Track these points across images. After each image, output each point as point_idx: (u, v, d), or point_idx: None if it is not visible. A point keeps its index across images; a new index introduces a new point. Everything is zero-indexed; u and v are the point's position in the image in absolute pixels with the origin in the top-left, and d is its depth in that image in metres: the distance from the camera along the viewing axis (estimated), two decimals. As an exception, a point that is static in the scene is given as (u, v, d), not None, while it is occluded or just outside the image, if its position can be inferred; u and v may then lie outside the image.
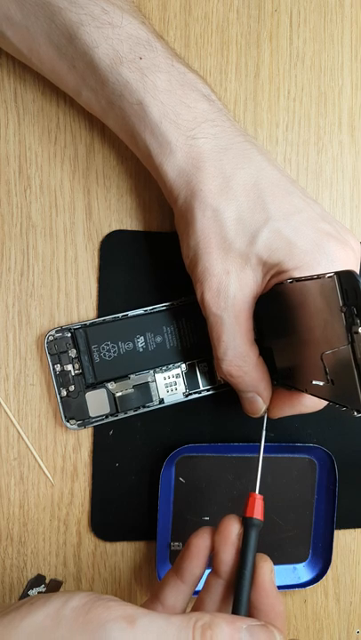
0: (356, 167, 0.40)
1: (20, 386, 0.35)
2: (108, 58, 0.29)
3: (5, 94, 0.35)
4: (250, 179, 0.30)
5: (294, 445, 0.38)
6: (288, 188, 0.31)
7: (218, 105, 0.32)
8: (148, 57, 0.30)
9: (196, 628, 0.22)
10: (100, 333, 0.34)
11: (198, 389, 0.36)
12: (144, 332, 0.35)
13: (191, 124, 0.30)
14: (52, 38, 0.30)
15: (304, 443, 0.38)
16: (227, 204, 0.30)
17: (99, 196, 0.36)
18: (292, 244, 0.29)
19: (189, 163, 0.30)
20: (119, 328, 0.34)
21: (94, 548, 0.36)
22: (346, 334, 0.23)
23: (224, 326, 0.31)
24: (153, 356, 0.35)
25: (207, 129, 0.30)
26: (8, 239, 0.35)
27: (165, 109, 0.30)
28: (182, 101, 0.30)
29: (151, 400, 0.35)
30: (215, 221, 0.30)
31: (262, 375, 0.32)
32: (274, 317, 0.31)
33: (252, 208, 0.30)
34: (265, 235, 0.30)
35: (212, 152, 0.30)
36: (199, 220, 0.30)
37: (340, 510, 0.38)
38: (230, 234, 0.30)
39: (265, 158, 0.31)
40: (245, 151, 0.31)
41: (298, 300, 0.28)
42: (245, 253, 0.30)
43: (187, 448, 0.36)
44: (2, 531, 0.35)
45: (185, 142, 0.30)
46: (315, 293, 0.25)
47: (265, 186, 0.30)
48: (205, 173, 0.30)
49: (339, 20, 0.39)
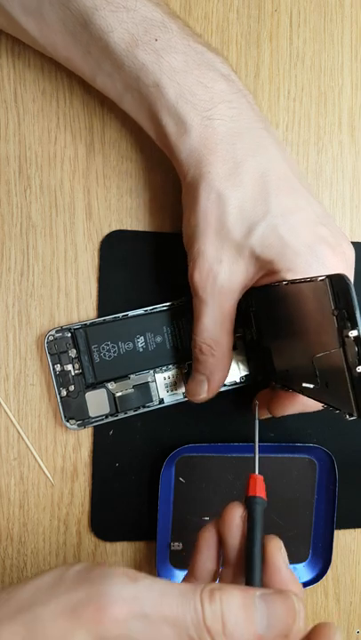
0: (356, 167, 0.40)
1: (20, 386, 0.35)
2: (124, 42, 0.29)
3: (5, 94, 0.35)
4: (259, 168, 0.30)
5: (294, 445, 0.38)
6: (294, 185, 0.31)
7: (238, 85, 0.31)
8: (163, 38, 0.29)
9: (205, 591, 0.22)
10: (100, 333, 0.34)
11: None
12: (144, 332, 0.35)
13: (208, 105, 0.30)
14: (67, 25, 0.30)
15: (304, 443, 0.38)
16: (231, 191, 0.30)
17: (99, 195, 0.36)
18: (285, 243, 0.29)
19: (202, 143, 0.30)
20: (119, 328, 0.34)
21: (94, 548, 0.36)
22: (337, 337, 0.23)
23: (207, 310, 0.31)
24: (153, 356, 0.35)
25: (224, 110, 0.30)
26: (8, 239, 0.35)
27: (182, 90, 0.30)
28: (199, 81, 0.30)
29: (151, 400, 0.35)
30: (218, 206, 0.30)
31: (224, 367, 0.32)
32: (272, 319, 0.31)
33: (255, 199, 0.30)
34: (261, 229, 0.30)
35: (226, 135, 0.30)
36: (203, 202, 0.30)
37: (340, 510, 0.38)
38: (230, 222, 0.30)
39: (278, 149, 0.31)
40: (260, 139, 0.31)
41: (293, 302, 0.28)
42: (240, 244, 0.30)
43: (187, 448, 0.36)
44: (2, 531, 0.35)
45: (200, 122, 0.30)
46: (308, 296, 0.25)
47: (272, 179, 0.30)
48: (216, 156, 0.30)
49: (339, 20, 0.39)
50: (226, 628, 0.21)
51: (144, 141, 0.36)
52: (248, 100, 0.31)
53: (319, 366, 0.25)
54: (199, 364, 0.33)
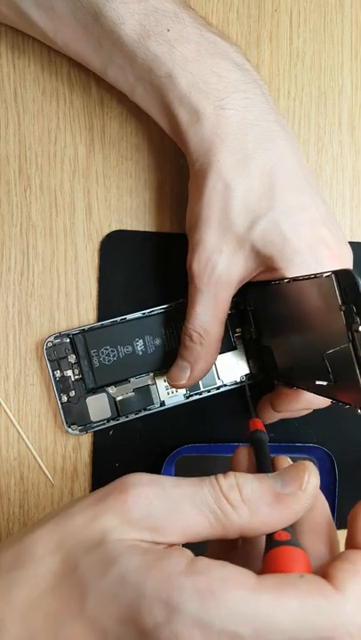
0: (356, 167, 0.40)
1: (20, 386, 0.35)
2: (135, 33, 0.29)
3: (5, 94, 0.35)
4: (268, 162, 0.30)
5: (294, 445, 0.38)
6: (300, 183, 0.31)
7: (252, 75, 0.31)
8: (175, 29, 0.29)
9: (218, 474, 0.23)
10: (98, 338, 0.34)
11: (199, 390, 0.36)
12: (143, 335, 0.35)
13: (221, 94, 0.30)
14: (78, 17, 0.29)
15: (304, 443, 0.38)
16: (238, 183, 0.30)
17: (99, 195, 0.36)
18: (286, 240, 0.29)
19: (214, 132, 0.30)
20: (118, 332, 0.34)
21: (94, 548, 0.36)
22: (346, 333, 0.23)
23: (201, 299, 0.31)
24: (152, 359, 0.35)
25: (238, 100, 0.30)
26: (8, 239, 0.35)
27: (195, 79, 0.29)
28: (213, 71, 0.30)
29: (152, 403, 0.35)
30: (223, 196, 0.30)
31: (210, 357, 0.32)
32: (273, 317, 0.31)
33: (261, 194, 0.30)
34: (263, 224, 0.30)
35: (238, 125, 0.30)
36: (209, 191, 0.30)
37: (340, 510, 0.38)
38: (234, 213, 0.30)
39: (289, 145, 0.31)
40: (272, 132, 0.31)
41: (296, 300, 0.28)
42: (242, 237, 0.30)
43: (187, 448, 0.36)
44: (2, 531, 0.35)
45: (213, 112, 0.30)
46: (312, 293, 0.25)
47: (280, 174, 0.30)
48: (227, 145, 0.30)
49: (339, 20, 0.39)
50: (243, 494, 0.22)
51: (144, 141, 0.37)
52: (263, 91, 0.31)
53: (331, 363, 0.25)
54: (186, 351, 0.32)
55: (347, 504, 0.39)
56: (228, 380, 0.36)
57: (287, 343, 0.31)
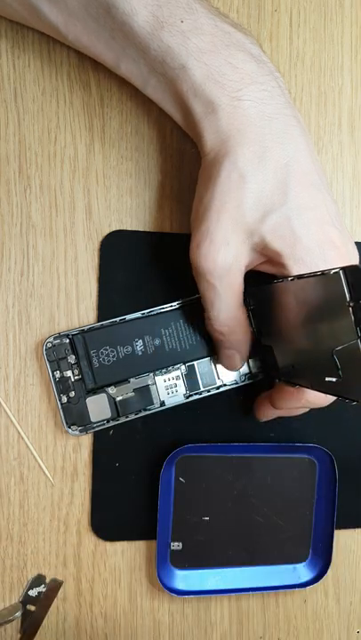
0: (356, 167, 0.40)
1: (20, 386, 0.35)
2: (148, 25, 0.28)
3: (5, 94, 0.35)
4: (284, 157, 0.30)
5: (294, 445, 0.38)
6: (314, 180, 0.31)
7: (268, 67, 0.31)
8: (189, 19, 0.29)
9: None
10: (98, 338, 0.34)
11: (199, 390, 0.36)
12: (142, 335, 0.35)
13: (238, 85, 0.29)
14: (90, 10, 0.29)
15: (304, 443, 0.38)
16: (254, 175, 0.29)
17: (99, 195, 0.36)
18: (297, 238, 0.29)
19: (231, 123, 0.29)
20: (117, 332, 0.34)
21: (94, 548, 0.36)
22: (355, 329, 0.23)
23: (217, 294, 0.31)
24: (152, 359, 0.35)
25: (255, 92, 0.30)
26: (8, 239, 0.35)
27: (210, 70, 0.29)
28: (228, 62, 0.29)
29: (152, 403, 0.35)
30: (238, 187, 0.29)
31: (247, 336, 0.33)
32: (274, 316, 0.31)
33: (275, 188, 0.30)
34: (275, 217, 0.29)
35: (256, 118, 0.30)
36: (223, 180, 0.30)
37: (340, 510, 0.38)
38: (247, 204, 0.29)
39: (305, 140, 0.31)
40: (290, 127, 0.30)
41: (300, 298, 0.27)
42: (252, 229, 0.30)
43: (187, 448, 0.36)
44: (2, 531, 0.35)
45: (229, 103, 0.29)
46: (318, 290, 0.25)
47: (294, 170, 0.30)
48: (245, 137, 0.29)
49: (339, 20, 0.39)
50: None
51: (144, 141, 0.37)
52: (279, 84, 0.31)
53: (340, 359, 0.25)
54: (224, 343, 0.33)
55: (347, 504, 0.39)
56: (227, 380, 0.36)
57: (289, 342, 0.30)
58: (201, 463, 0.37)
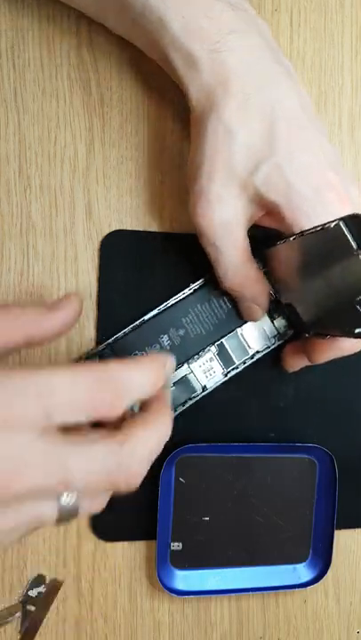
0: (357, 167, 0.40)
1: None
2: None
3: (5, 94, 0.35)
4: (268, 103, 0.29)
5: (294, 445, 0.38)
6: (302, 122, 0.30)
7: (248, 14, 0.30)
8: None
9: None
10: (126, 347, 0.34)
11: (235, 365, 0.36)
12: (166, 329, 0.35)
13: (216, 37, 0.29)
14: None
15: (304, 443, 0.38)
16: (239, 127, 0.29)
17: (99, 195, 0.36)
18: (290, 186, 0.29)
19: (212, 76, 0.29)
20: (142, 334, 0.35)
21: (94, 549, 0.36)
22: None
23: (220, 252, 0.31)
24: (182, 349, 0.35)
25: (233, 41, 0.29)
26: (8, 239, 0.35)
27: (187, 23, 0.29)
28: (205, 14, 0.29)
29: (195, 390, 0.35)
30: (225, 141, 0.29)
31: (261, 288, 0.33)
32: (288, 275, 0.31)
33: (263, 137, 0.29)
34: (266, 168, 0.29)
35: (237, 66, 0.29)
36: (210, 137, 0.29)
37: (340, 510, 0.38)
38: (236, 158, 0.29)
39: (291, 84, 0.30)
40: (272, 71, 0.30)
41: (309, 254, 0.27)
42: (245, 183, 0.29)
43: (187, 448, 0.36)
44: (2, 531, 0.35)
45: (208, 56, 0.29)
46: (324, 244, 0.25)
47: (281, 115, 0.29)
48: (228, 89, 0.29)
49: (339, 20, 0.39)
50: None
51: (144, 141, 0.37)
52: (259, 30, 0.30)
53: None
54: (240, 298, 0.33)
55: (347, 504, 0.39)
56: (259, 347, 0.36)
57: (309, 297, 0.30)
58: (201, 463, 0.37)
